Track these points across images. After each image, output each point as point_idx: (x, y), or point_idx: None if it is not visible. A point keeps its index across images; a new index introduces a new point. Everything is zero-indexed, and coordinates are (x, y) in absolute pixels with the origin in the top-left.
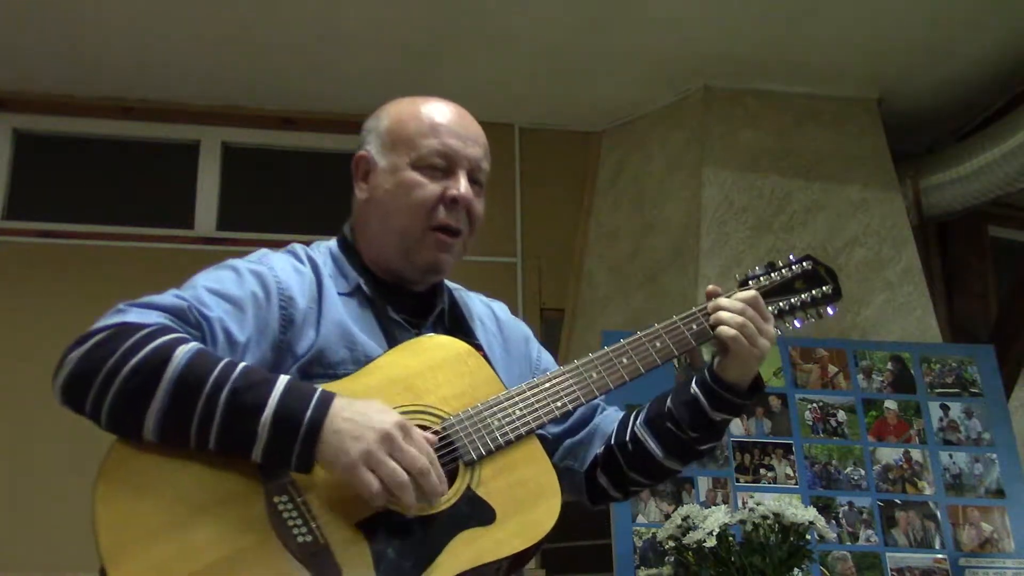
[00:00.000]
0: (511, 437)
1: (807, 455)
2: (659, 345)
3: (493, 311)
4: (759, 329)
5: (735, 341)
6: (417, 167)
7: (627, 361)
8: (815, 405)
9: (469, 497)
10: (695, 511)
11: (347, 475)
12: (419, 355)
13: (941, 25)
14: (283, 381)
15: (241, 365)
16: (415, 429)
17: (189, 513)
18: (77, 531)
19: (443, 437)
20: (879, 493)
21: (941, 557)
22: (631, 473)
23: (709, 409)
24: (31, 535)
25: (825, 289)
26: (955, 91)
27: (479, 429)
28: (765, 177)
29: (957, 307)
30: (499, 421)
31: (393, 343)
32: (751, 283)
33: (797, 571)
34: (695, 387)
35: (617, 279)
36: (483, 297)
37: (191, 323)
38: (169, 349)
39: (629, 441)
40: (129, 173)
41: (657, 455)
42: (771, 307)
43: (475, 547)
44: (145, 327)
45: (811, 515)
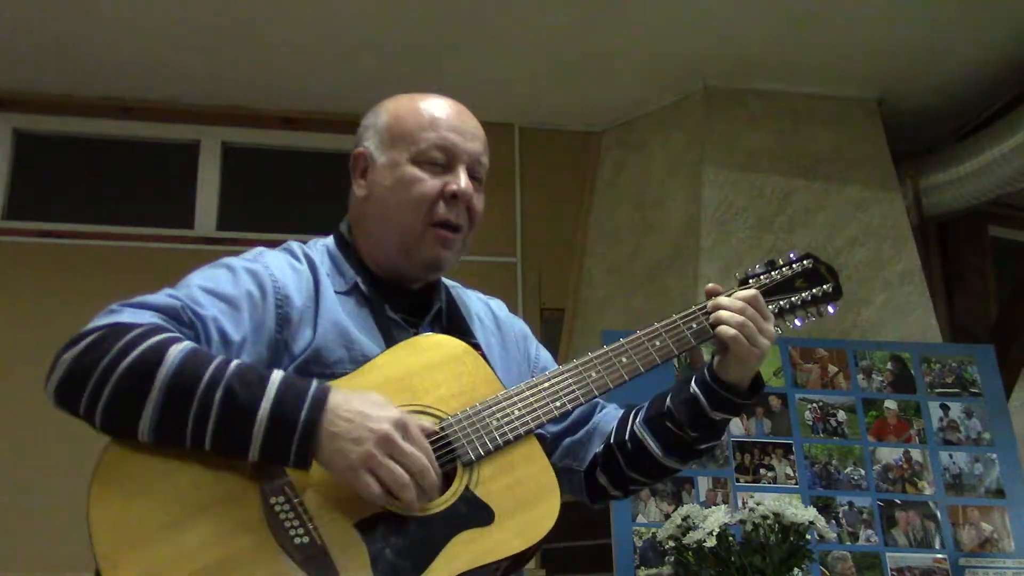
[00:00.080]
0: (510, 437)
1: (807, 455)
2: (659, 344)
3: (491, 309)
4: (759, 328)
5: (735, 341)
6: (417, 162)
7: (626, 360)
8: (815, 405)
9: (467, 498)
10: (695, 511)
11: (347, 477)
12: (417, 354)
13: (941, 25)
14: (277, 378)
15: (235, 363)
16: (413, 424)
17: (185, 514)
18: (77, 531)
19: (441, 437)
20: (879, 493)
21: (941, 557)
22: (630, 472)
23: (709, 408)
24: (31, 535)
25: (826, 288)
26: (955, 91)
27: (477, 429)
28: (765, 177)
29: (957, 307)
30: (498, 421)
31: (391, 342)
32: (751, 281)
33: (797, 571)
34: (695, 386)
35: (617, 279)
36: (480, 294)
37: (185, 323)
38: (162, 349)
39: (628, 440)
40: (129, 173)
41: (657, 454)
42: (771, 306)
43: (473, 548)
44: (138, 327)
45: (811, 515)
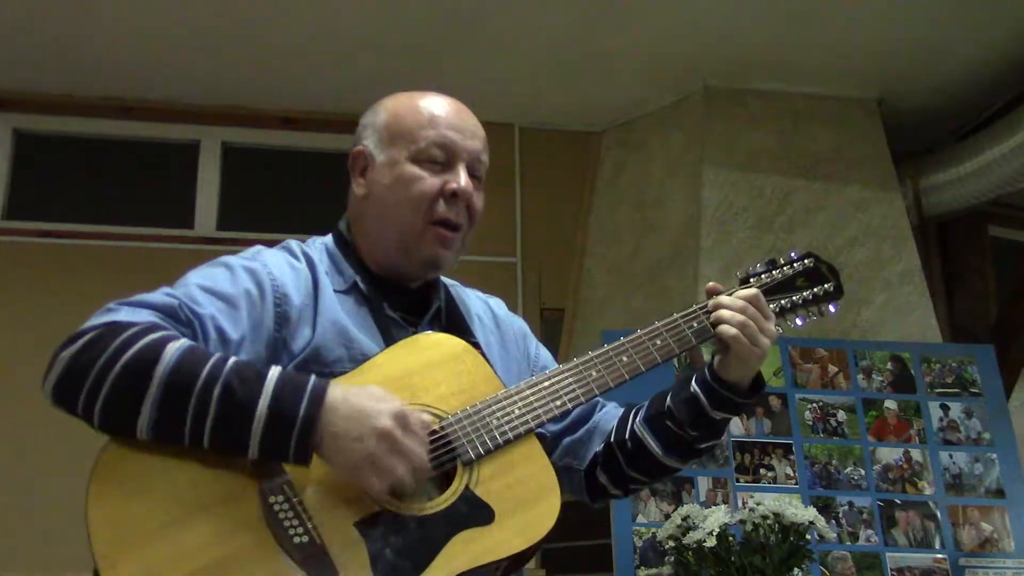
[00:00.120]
0: (510, 436)
1: (807, 455)
2: (659, 343)
3: (490, 307)
4: (760, 328)
5: (736, 340)
6: (416, 161)
7: (627, 359)
8: (815, 405)
9: (467, 497)
10: (695, 511)
11: (350, 475)
12: (417, 353)
13: (941, 25)
14: (275, 374)
15: (232, 360)
16: (412, 417)
17: (184, 513)
18: (77, 531)
19: (441, 436)
20: (879, 493)
21: (941, 557)
22: (631, 471)
23: (709, 408)
24: (31, 535)
25: (827, 287)
26: (955, 91)
27: (477, 428)
28: (765, 177)
29: (957, 307)
30: (498, 420)
31: (390, 341)
32: (752, 280)
33: (797, 571)
34: (695, 385)
35: (617, 279)
36: (479, 293)
37: (182, 321)
38: (159, 347)
39: (628, 439)
40: (129, 173)
41: (657, 453)
42: (772, 305)
43: (473, 547)
44: (135, 325)
45: (811, 515)
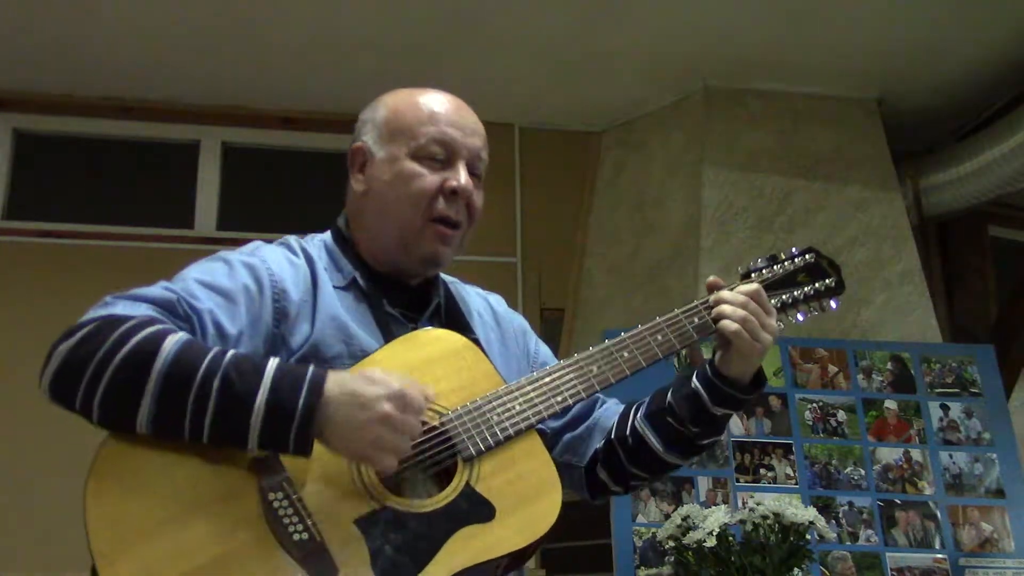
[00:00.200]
0: (511, 432)
1: (807, 455)
2: (660, 338)
3: (490, 304)
4: (762, 323)
5: (737, 335)
6: (416, 157)
7: (628, 355)
8: (815, 405)
9: (468, 494)
10: (695, 511)
11: (356, 460)
12: (416, 349)
13: (941, 25)
14: (273, 366)
15: (230, 353)
16: (409, 394)
17: (183, 510)
18: (76, 531)
19: (441, 432)
20: (879, 493)
21: (941, 557)
22: (631, 468)
23: (710, 404)
24: (31, 535)
25: (828, 282)
26: (955, 91)
27: (478, 424)
28: (765, 177)
29: (957, 307)
30: (498, 416)
31: (389, 337)
32: (753, 276)
33: (797, 571)
34: (696, 381)
35: (617, 279)
36: (479, 290)
37: (180, 315)
38: (157, 340)
39: (629, 436)
40: (129, 173)
41: (658, 450)
42: (774, 300)
43: (474, 544)
44: (132, 319)
45: (811, 515)
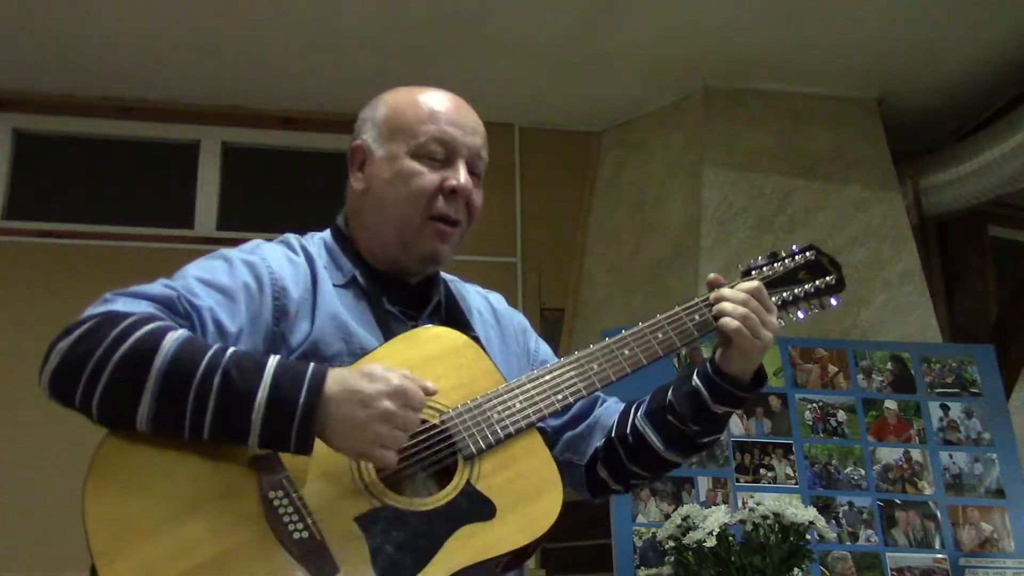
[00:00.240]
0: (511, 430)
1: (807, 455)
2: (661, 336)
3: (490, 302)
4: (762, 320)
5: (738, 333)
6: (416, 156)
7: (629, 352)
8: (815, 405)
9: (468, 492)
10: (695, 511)
11: (358, 457)
12: (417, 347)
13: (941, 25)
14: (273, 363)
15: (231, 350)
16: (408, 386)
17: (182, 509)
18: (76, 531)
19: (442, 431)
20: (879, 493)
21: (941, 557)
22: (632, 466)
23: (711, 402)
24: (31, 535)
25: (829, 279)
26: (955, 91)
27: (479, 422)
28: (765, 177)
29: (957, 307)
30: (499, 414)
31: (389, 335)
32: (754, 273)
33: (797, 571)
34: (696, 379)
35: (617, 279)
36: (479, 288)
37: (180, 313)
38: (157, 337)
39: (630, 434)
40: (129, 173)
41: (658, 448)
42: (774, 297)
43: (474, 543)
44: (132, 316)
45: (811, 515)
